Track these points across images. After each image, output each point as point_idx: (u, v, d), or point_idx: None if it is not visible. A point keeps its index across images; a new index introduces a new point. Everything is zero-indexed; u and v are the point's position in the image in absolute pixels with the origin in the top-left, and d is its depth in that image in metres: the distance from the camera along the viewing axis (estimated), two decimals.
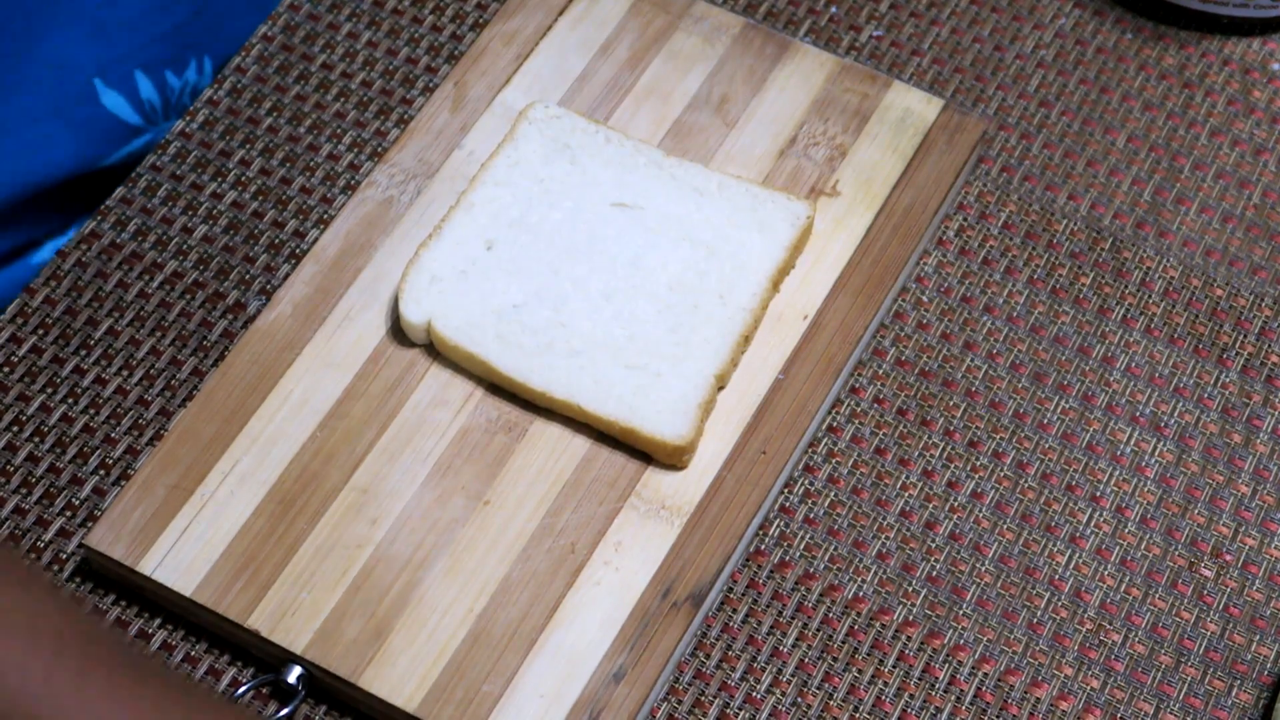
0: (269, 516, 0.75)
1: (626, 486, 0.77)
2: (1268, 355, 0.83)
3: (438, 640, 0.73)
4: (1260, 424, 0.81)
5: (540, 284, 0.80)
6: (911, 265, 0.84)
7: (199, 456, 0.77)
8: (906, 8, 0.93)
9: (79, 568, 0.77)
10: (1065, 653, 0.76)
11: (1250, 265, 0.86)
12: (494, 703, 0.72)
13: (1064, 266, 0.85)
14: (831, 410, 0.81)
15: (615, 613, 0.74)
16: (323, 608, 0.74)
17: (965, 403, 0.81)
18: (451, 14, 0.92)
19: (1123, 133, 0.89)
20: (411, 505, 0.76)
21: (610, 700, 0.72)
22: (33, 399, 0.80)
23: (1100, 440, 0.81)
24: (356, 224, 0.83)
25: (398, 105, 0.89)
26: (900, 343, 0.83)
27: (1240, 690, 0.75)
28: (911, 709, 0.75)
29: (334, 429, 0.78)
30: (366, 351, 0.80)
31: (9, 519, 0.78)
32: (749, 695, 0.75)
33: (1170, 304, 0.84)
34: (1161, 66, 0.91)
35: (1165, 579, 0.78)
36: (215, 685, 0.74)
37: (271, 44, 0.91)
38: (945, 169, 0.85)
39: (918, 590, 0.77)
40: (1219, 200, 0.87)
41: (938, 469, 0.80)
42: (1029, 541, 0.78)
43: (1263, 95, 0.91)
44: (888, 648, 0.76)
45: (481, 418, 0.78)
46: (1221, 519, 0.79)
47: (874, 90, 0.87)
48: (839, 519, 0.78)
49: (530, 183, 0.82)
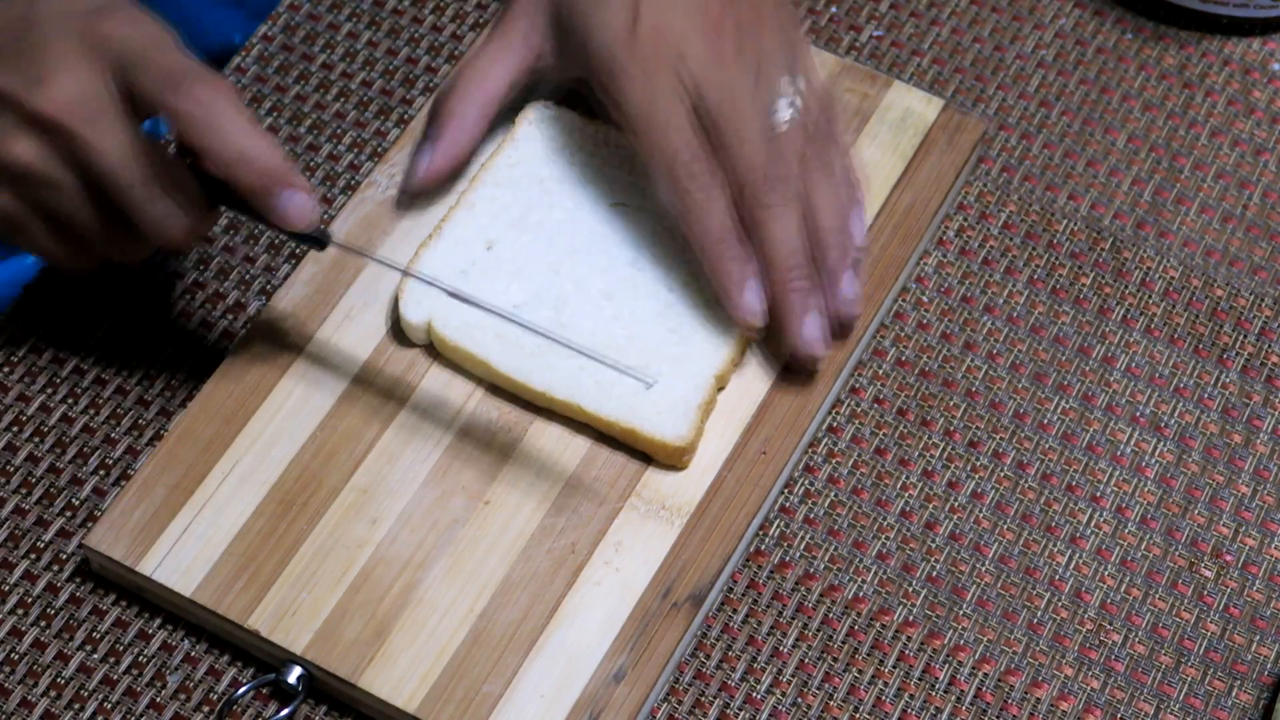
0: (269, 516, 0.75)
1: (627, 486, 0.77)
2: (1268, 355, 0.83)
3: (438, 640, 0.73)
4: (1260, 424, 0.81)
5: (540, 284, 0.80)
6: (911, 265, 0.84)
7: (199, 456, 0.77)
8: (906, 8, 0.93)
9: (79, 568, 0.77)
10: (1065, 653, 0.76)
11: (1250, 265, 0.86)
12: (494, 703, 0.72)
13: (1064, 266, 0.85)
14: (831, 410, 0.81)
15: (615, 613, 0.74)
16: (323, 608, 0.73)
17: (965, 403, 0.81)
18: (451, 14, 0.92)
19: (1123, 133, 0.89)
20: (411, 505, 0.76)
21: (610, 700, 0.72)
22: (33, 399, 0.80)
23: (1100, 440, 0.81)
24: (356, 224, 0.83)
25: (398, 105, 0.89)
26: (900, 343, 0.83)
27: (1240, 690, 0.75)
28: (912, 709, 0.75)
29: (334, 429, 0.78)
30: (366, 351, 0.79)
31: (9, 519, 0.78)
32: (749, 696, 0.75)
33: (1170, 304, 0.84)
34: (1161, 66, 0.91)
35: (1165, 579, 0.78)
36: (214, 685, 0.74)
37: (271, 44, 0.91)
38: (945, 169, 0.85)
39: (918, 590, 0.77)
40: (1219, 200, 0.87)
41: (938, 469, 0.80)
42: (1029, 542, 0.78)
43: (1263, 95, 0.91)
44: (888, 648, 0.76)
45: (481, 418, 0.78)
46: (1222, 519, 0.79)
47: (874, 90, 0.87)
48: (839, 519, 0.78)
49: (530, 183, 0.82)
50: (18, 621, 0.75)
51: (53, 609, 0.76)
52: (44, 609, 0.76)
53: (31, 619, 0.75)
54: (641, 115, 0.76)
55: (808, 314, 0.77)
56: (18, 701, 0.74)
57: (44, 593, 0.76)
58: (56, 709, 0.74)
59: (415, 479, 0.77)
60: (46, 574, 0.77)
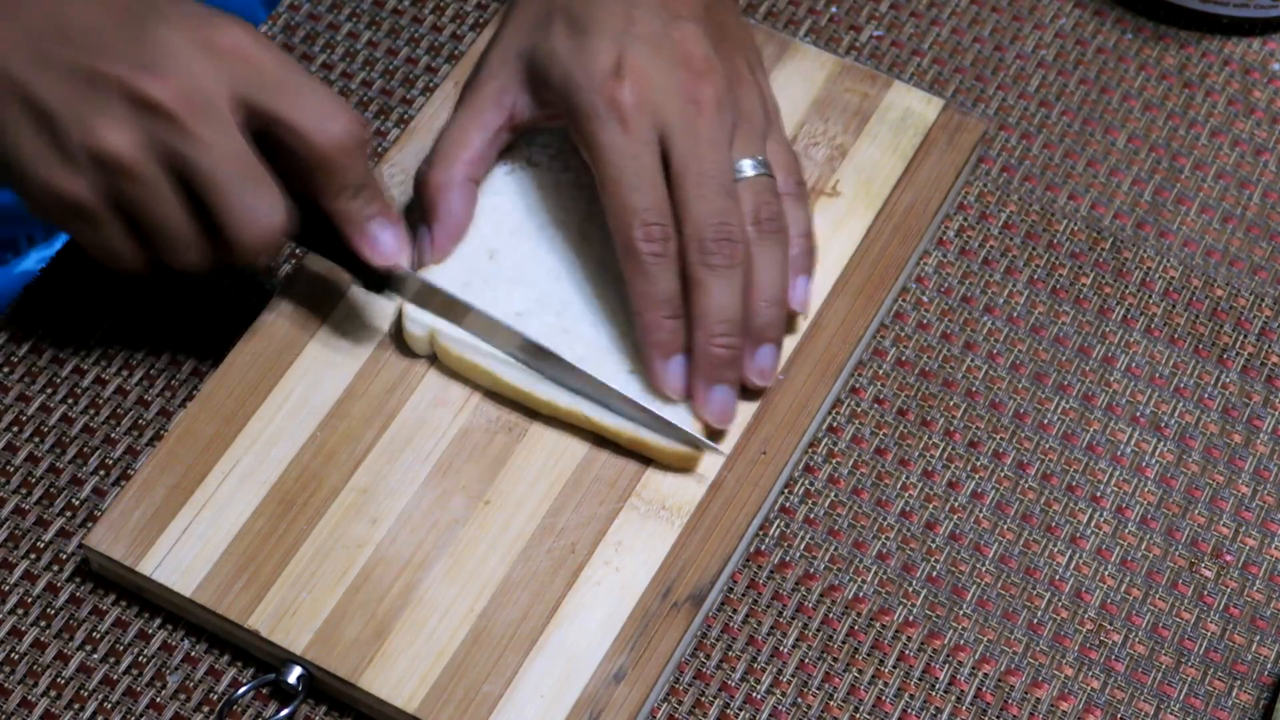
0: (269, 516, 0.75)
1: (627, 486, 0.77)
2: (1268, 355, 0.83)
3: (438, 640, 0.73)
4: (1260, 424, 0.81)
5: (543, 290, 0.79)
6: (912, 265, 0.84)
7: (199, 456, 0.77)
8: (906, 8, 0.93)
9: (79, 568, 0.77)
10: (1065, 653, 0.76)
11: (1250, 265, 0.86)
12: (494, 703, 0.72)
13: (1064, 266, 0.85)
14: (832, 410, 0.81)
15: (615, 613, 0.74)
16: (323, 608, 0.73)
17: (965, 403, 0.81)
18: (451, 14, 0.92)
19: (1123, 133, 0.89)
20: (411, 505, 0.76)
21: (610, 700, 0.72)
22: (33, 399, 0.80)
23: (1100, 440, 0.81)
24: None
25: (398, 105, 0.89)
26: (900, 343, 0.83)
27: (1240, 690, 0.75)
28: (912, 709, 0.75)
29: (334, 429, 0.78)
30: (367, 351, 0.79)
31: (9, 519, 0.78)
32: (749, 696, 0.75)
33: (1170, 304, 0.84)
34: (1161, 66, 0.91)
35: (1165, 579, 0.78)
36: (215, 685, 0.74)
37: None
38: (945, 169, 0.85)
39: (918, 590, 0.77)
40: (1219, 200, 0.87)
41: (938, 469, 0.80)
42: (1029, 542, 0.78)
43: (1263, 95, 0.91)
44: (888, 648, 0.76)
45: (482, 418, 0.78)
46: (1222, 519, 0.79)
47: (874, 90, 0.87)
48: (839, 519, 0.78)
49: (528, 190, 0.82)
50: (18, 621, 0.75)
51: (53, 609, 0.76)
52: (44, 609, 0.76)
53: (31, 619, 0.75)
54: (612, 167, 0.76)
55: (718, 384, 0.77)
56: (18, 701, 0.74)
57: (44, 593, 0.76)
58: (56, 709, 0.74)
59: (415, 479, 0.77)
60: (46, 574, 0.77)
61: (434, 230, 0.80)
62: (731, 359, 0.76)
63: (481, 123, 0.80)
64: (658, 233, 0.75)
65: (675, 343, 0.76)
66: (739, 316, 0.76)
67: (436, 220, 0.80)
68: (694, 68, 0.77)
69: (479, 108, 0.80)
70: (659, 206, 0.76)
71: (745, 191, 0.77)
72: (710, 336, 0.76)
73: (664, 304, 0.76)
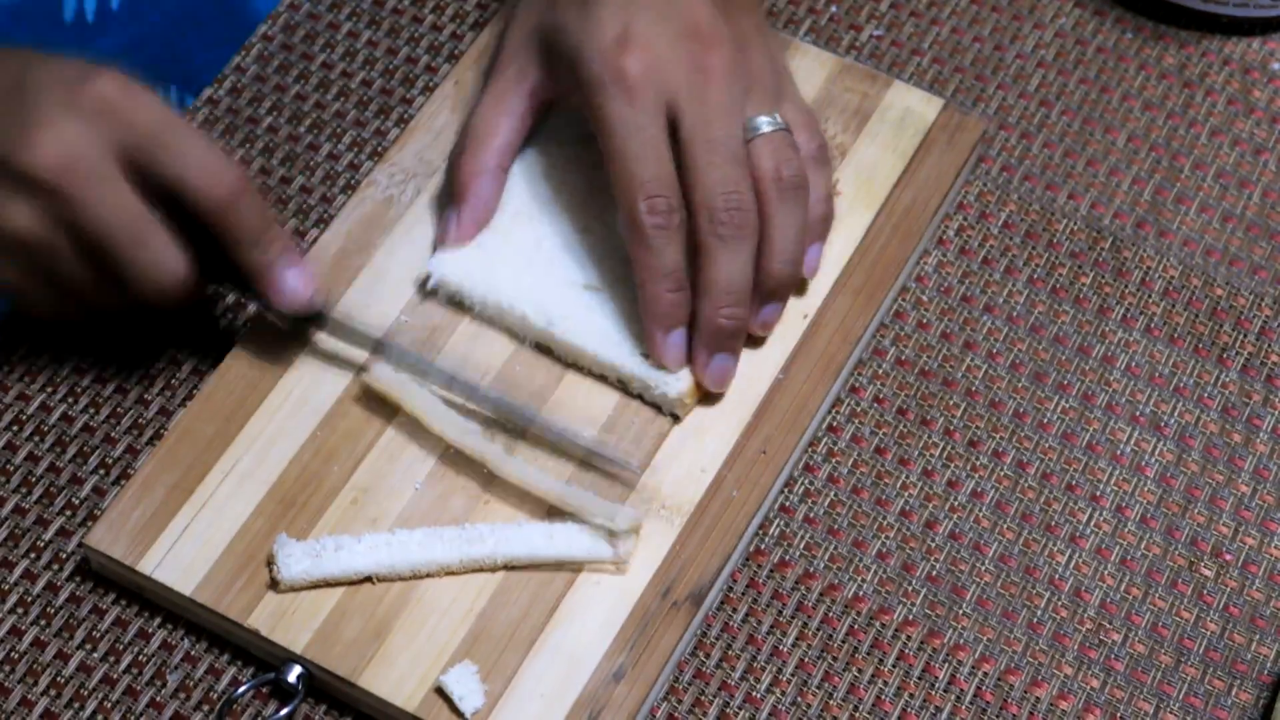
0: (269, 516, 0.75)
1: (627, 486, 0.77)
2: (1268, 355, 0.83)
3: (438, 640, 0.73)
4: (1260, 423, 0.81)
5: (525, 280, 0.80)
6: (911, 265, 0.84)
7: (199, 456, 0.77)
8: (906, 7, 0.93)
9: (79, 567, 0.77)
10: (1065, 652, 0.76)
11: (1250, 265, 0.86)
12: (494, 703, 0.72)
13: (1064, 266, 0.85)
14: (831, 410, 0.81)
15: (615, 612, 0.74)
16: (322, 607, 0.73)
17: (965, 402, 0.81)
18: (451, 14, 0.92)
19: (1123, 132, 0.89)
20: (411, 505, 0.76)
21: (610, 700, 0.72)
22: (33, 398, 0.81)
23: (1100, 440, 0.81)
24: (356, 224, 0.83)
25: (398, 105, 0.89)
26: (900, 342, 0.83)
27: (1240, 689, 0.75)
28: (911, 708, 0.75)
29: (334, 429, 0.78)
30: (367, 351, 0.79)
31: (9, 519, 0.78)
32: (749, 694, 0.75)
33: (1170, 303, 0.84)
34: (1161, 66, 0.92)
35: (1165, 578, 0.78)
36: (214, 684, 0.74)
37: (271, 44, 0.91)
38: (945, 168, 0.85)
39: (917, 589, 0.77)
40: (1219, 200, 0.87)
41: (937, 468, 0.80)
42: (1029, 541, 0.78)
43: (1263, 95, 0.91)
44: (887, 647, 0.76)
45: (481, 417, 0.78)
46: (1221, 518, 0.79)
47: (874, 89, 0.87)
48: (839, 518, 0.78)
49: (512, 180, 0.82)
50: (17, 620, 0.75)
51: (52, 608, 0.76)
52: (44, 608, 0.76)
53: (31, 618, 0.75)
54: (617, 138, 0.75)
55: (719, 353, 0.77)
56: (18, 700, 0.74)
57: (44, 591, 0.76)
58: (56, 708, 0.74)
59: (415, 479, 0.77)
60: (46, 573, 0.77)
61: (461, 213, 0.80)
62: (736, 330, 0.77)
63: (507, 109, 0.81)
64: (662, 205, 0.75)
65: (677, 316, 0.76)
66: (746, 288, 0.76)
67: (465, 204, 0.80)
68: (701, 35, 0.77)
69: (502, 92, 0.81)
70: (664, 178, 0.75)
71: (764, 148, 0.77)
72: (716, 308, 0.76)
73: (667, 277, 0.76)
